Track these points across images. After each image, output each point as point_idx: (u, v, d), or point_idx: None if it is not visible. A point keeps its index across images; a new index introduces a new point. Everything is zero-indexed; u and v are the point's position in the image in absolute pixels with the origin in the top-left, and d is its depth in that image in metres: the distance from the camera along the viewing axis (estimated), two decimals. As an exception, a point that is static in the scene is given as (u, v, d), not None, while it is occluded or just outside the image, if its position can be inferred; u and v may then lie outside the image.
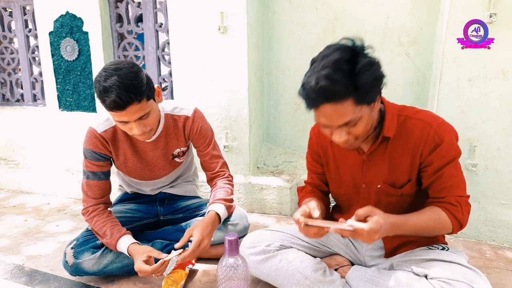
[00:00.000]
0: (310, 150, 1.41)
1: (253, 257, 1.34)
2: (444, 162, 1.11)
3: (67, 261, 1.46)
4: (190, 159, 1.81)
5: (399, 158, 1.17)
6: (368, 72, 0.97)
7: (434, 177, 1.13)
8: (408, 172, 1.17)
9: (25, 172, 2.75)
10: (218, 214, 1.50)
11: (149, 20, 2.40)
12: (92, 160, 1.51)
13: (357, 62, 0.97)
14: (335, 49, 1.00)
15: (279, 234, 1.41)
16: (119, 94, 1.23)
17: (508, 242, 1.81)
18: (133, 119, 1.31)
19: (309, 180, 1.47)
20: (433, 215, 1.10)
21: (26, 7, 2.74)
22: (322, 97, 0.99)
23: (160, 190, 1.76)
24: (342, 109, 1.00)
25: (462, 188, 1.14)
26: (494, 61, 1.68)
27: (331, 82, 0.96)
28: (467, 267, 1.09)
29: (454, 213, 1.11)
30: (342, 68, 0.96)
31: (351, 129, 1.05)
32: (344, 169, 1.29)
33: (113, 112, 1.29)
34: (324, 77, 0.96)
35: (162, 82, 2.52)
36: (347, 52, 0.98)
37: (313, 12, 2.25)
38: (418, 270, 1.12)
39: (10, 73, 2.93)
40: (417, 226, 1.09)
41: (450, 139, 1.12)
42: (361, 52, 1.00)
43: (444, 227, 1.11)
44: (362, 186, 1.26)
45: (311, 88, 0.99)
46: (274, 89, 2.46)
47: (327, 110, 1.02)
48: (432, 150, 1.11)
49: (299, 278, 1.26)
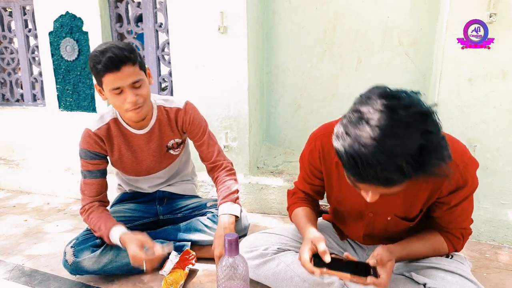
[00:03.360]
0: (308, 162, 1.27)
1: (251, 261, 1.32)
2: (461, 200, 1.09)
3: (67, 260, 1.46)
4: (187, 156, 1.82)
5: (416, 194, 1.10)
6: (437, 167, 0.83)
7: (447, 212, 1.12)
8: (422, 206, 1.14)
9: (25, 172, 2.75)
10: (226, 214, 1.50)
11: (149, 20, 2.40)
12: (88, 159, 1.53)
13: (428, 151, 0.80)
14: (402, 125, 0.80)
15: (276, 237, 1.38)
16: (114, 52, 1.32)
17: (508, 242, 1.81)
18: (127, 83, 1.35)
19: (301, 187, 1.37)
20: (434, 245, 1.15)
21: (26, 7, 2.74)
22: (382, 184, 0.85)
23: (158, 188, 1.77)
24: (393, 189, 0.88)
25: (469, 220, 1.17)
26: (494, 61, 1.68)
27: (399, 175, 0.81)
28: (468, 279, 1.08)
29: (455, 244, 1.16)
30: (411, 161, 0.79)
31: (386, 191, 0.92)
32: (348, 193, 1.17)
33: (108, 75, 1.33)
34: (391, 167, 0.80)
35: (162, 82, 2.52)
36: (418, 135, 0.80)
37: (313, 12, 2.25)
38: (418, 277, 1.10)
39: (10, 73, 2.93)
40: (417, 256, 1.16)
41: (472, 180, 1.07)
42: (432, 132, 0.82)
43: (440, 254, 1.17)
44: (369, 214, 1.21)
45: (370, 171, 0.82)
46: (274, 89, 2.46)
47: (378, 189, 0.90)
48: (453, 191, 1.06)
49: (297, 281, 1.25)
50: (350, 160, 0.84)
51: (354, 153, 0.82)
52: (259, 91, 2.36)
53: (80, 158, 1.54)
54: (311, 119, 2.41)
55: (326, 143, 1.17)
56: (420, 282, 1.10)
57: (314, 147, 1.23)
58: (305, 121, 2.42)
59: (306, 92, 2.37)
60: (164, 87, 2.56)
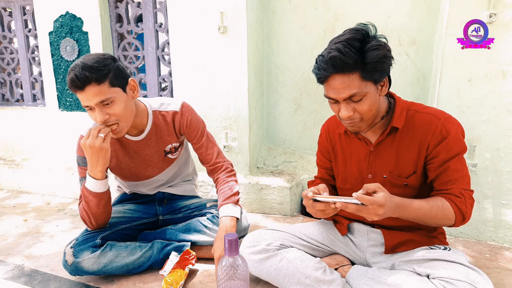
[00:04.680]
0: (320, 146, 1.47)
1: (253, 256, 1.34)
2: (450, 155, 1.14)
3: (67, 261, 1.46)
4: (186, 156, 1.81)
5: (406, 149, 1.20)
6: (375, 51, 1.06)
7: (439, 170, 1.16)
8: (414, 164, 1.20)
9: (25, 172, 2.75)
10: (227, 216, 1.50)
11: (149, 20, 2.40)
12: (85, 166, 1.50)
13: (367, 42, 1.08)
14: (349, 31, 1.11)
15: (279, 233, 1.41)
16: (77, 72, 1.29)
17: (508, 242, 1.81)
18: (93, 103, 1.32)
19: (319, 175, 1.52)
20: (437, 203, 1.12)
21: (26, 7, 2.74)
22: (332, 66, 1.08)
23: (158, 189, 1.76)
24: (348, 81, 1.08)
25: (466, 182, 1.16)
26: (494, 61, 1.68)
27: (341, 53, 1.06)
28: (470, 267, 1.09)
29: (458, 204, 1.12)
30: (352, 45, 1.07)
31: (357, 105, 1.12)
32: (351, 162, 1.33)
33: (76, 93, 1.33)
34: (335, 49, 1.07)
35: (162, 82, 2.52)
36: (359, 33, 1.09)
37: (313, 12, 2.25)
38: (420, 270, 1.12)
39: (10, 73, 2.93)
40: (421, 211, 1.10)
41: (456, 133, 1.15)
42: (372, 36, 1.10)
43: (447, 217, 1.12)
44: (368, 176, 1.28)
45: (323, 59, 1.10)
46: (274, 89, 2.46)
47: (335, 82, 1.10)
48: (439, 143, 1.15)
49: (299, 277, 1.26)
50: (315, 63, 1.14)
51: (316, 58, 1.14)
52: (259, 91, 2.37)
53: (77, 166, 1.52)
54: (311, 119, 2.41)
55: (331, 123, 1.42)
56: (423, 274, 1.11)
57: (323, 130, 1.45)
58: (305, 121, 2.42)
59: (306, 92, 2.37)
60: (164, 87, 2.57)
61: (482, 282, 1.04)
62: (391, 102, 1.25)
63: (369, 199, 1.00)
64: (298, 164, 2.40)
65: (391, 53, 1.12)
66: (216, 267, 1.40)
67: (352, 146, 1.33)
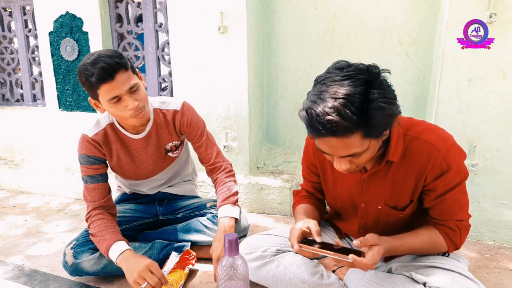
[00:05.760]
0: (306, 160, 1.34)
1: (250, 263, 1.32)
2: (448, 188, 1.08)
3: (67, 261, 1.46)
4: (186, 156, 1.81)
5: (402, 180, 1.12)
6: (381, 112, 0.89)
7: (436, 201, 1.11)
8: (411, 195, 1.14)
9: (25, 172, 2.75)
10: (226, 217, 1.50)
11: (149, 20, 2.40)
12: (88, 165, 1.50)
13: (370, 99, 0.89)
14: (347, 77, 0.91)
15: (275, 238, 1.38)
16: (105, 61, 1.28)
17: (508, 242, 1.81)
18: (124, 90, 1.32)
19: (305, 186, 1.43)
20: (429, 238, 1.12)
21: (26, 7, 2.74)
22: (329, 131, 0.90)
23: (158, 189, 1.76)
24: (348, 143, 0.93)
25: (464, 211, 1.14)
26: (494, 61, 1.68)
27: (340, 117, 0.87)
28: (468, 278, 1.08)
29: (451, 237, 1.12)
30: (353, 103, 0.87)
31: (355, 159, 1.00)
32: (342, 186, 1.25)
33: (104, 86, 1.29)
34: (332, 110, 0.88)
35: (162, 82, 2.52)
36: (360, 83, 0.89)
37: (313, 12, 2.25)
38: (418, 276, 1.10)
39: (10, 73, 2.93)
40: (412, 249, 1.12)
41: (457, 165, 1.06)
42: (375, 82, 0.91)
43: (439, 249, 1.14)
44: (361, 205, 1.23)
45: (317, 119, 0.90)
46: (274, 89, 2.46)
47: (332, 142, 0.95)
48: (438, 177, 1.07)
49: (296, 283, 1.25)
50: (305, 115, 0.95)
51: (307, 108, 0.94)
52: (259, 91, 2.36)
53: (80, 164, 1.52)
54: (311, 119, 2.40)
55: None
56: (420, 281, 1.10)
57: (309, 143, 1.30)
58: (305, 121, 2.42)
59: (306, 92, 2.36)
60: (164, 87, 2.56)
61: None
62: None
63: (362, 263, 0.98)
64: (298, 164, 2.40)
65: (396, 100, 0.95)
66: (214, 267, 1.40)
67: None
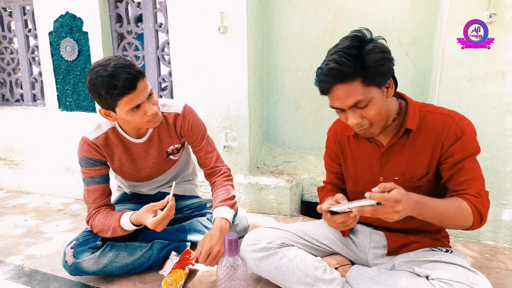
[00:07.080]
0: (327, 150, 1.45)
1: (254, 254, 1.34)
2: (465, 155, 1.12)
3: (67, 261, 1.46)
4: (187, 157, 1.81)
5: (419, 151, 1.18)
6: (373, 55, 1.04)
7: (454, 170, 1.13)
8: (427, 165, 1.18)
9: (25, 172, 2.75)
10: (222, 218, 1.49)
11: (149, 20, 2.40)
12: (89, 167, 1.50)
13: (365, 49, 1.05)
14: (345, 38, 1.09)
15: (280, 232, 1.41)
16: (127, 71, 1.27)
17: (508, 242, 1.81)
18: (145, 97, 1.34)
19: (328, 180, 1.50)
20: (455, 202, 1.08)
21: (26, 7, 2.74)
22: (332, 78, 1.07)
23: (159, 189, 1.76)
24: (351, 89, 1.06)
25: (481, 183, 1.13)
26: (494, 61, 1.68)
27: (338, 64, 1.05)
28: (470, 270, 1.09)
29: (476, 204, 1.07)
30: (349, 53, 1.05)
31: (364, 111, 1.10)
32: (362, 165, 1.31)
33: (126, 97, 1.29)
34: (333, 60, 1.06)
35: (162, 82, 2.52)
36: (355, 39, 1.07)
37: (313, 12, 2.25)
38: (420, 270, 1.12)
39: (10, 73, 2.93)
40: (439, 209, 1.05)
41: (471, 133, 1.14)
42: (368, 39, 1.08)
43: (465, 217, 1.07)
44: (380, 179, 1.26)
45: (322, 71, 1.09)
46: (274, 89, 2.46)
47: (337, 92, 1.09)
48: (454, 142, 1.13)
49: (299, 275, 1.26)
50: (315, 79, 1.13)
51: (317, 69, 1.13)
52: (259, 91, 2.37)
53: (80, 167, 1.51)
54: (311, 119, 2.41)
55: (338, 126, 1.39)
56: (422, 274, 1.11)
57: (330, 134, 1.42)
58: (305, 121, 2.42)
59: (306, 92, 2.37)
60: (164, 87, 2.57)
61: (481, 284, 1.04)
62: (401, 103, 1.22)
63: (384, 196, 0.93)
64: (298, 164, 2.40)
65: (390, 54, 1.10)
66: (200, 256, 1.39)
67: (362, 149, 1.30)
